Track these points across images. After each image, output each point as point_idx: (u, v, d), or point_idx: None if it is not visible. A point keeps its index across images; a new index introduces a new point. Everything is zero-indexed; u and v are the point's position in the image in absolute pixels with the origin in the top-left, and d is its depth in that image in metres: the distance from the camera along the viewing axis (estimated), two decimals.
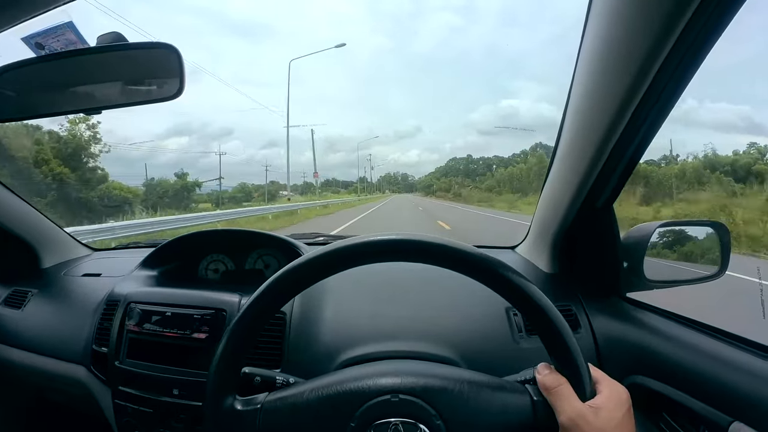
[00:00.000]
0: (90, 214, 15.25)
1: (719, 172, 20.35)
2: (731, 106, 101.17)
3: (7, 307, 1.10)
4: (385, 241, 0.45)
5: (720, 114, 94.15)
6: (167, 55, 0.59)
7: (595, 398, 0.42)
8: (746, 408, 0.50)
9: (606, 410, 0.41)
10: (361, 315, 0.79)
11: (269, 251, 1.08)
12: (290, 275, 0.46)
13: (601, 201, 0.74)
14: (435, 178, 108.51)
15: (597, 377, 0.45)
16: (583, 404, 0.41)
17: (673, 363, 0.62)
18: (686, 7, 0.42)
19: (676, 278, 0.80)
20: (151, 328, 0.78)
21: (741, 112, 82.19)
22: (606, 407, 0.41)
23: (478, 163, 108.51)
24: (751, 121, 70.80)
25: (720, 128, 75.38)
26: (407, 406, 0.44)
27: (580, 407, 0.41)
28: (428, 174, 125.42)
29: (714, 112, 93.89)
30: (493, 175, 76.58)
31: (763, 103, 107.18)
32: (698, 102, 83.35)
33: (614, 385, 0.44)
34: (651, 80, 0.51)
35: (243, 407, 0.45)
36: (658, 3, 0.44)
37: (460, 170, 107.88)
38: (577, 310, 0.78)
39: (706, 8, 0.42)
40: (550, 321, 0.43)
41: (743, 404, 0.51)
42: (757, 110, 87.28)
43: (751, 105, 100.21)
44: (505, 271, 0.44)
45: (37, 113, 0.67)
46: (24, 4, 0.57)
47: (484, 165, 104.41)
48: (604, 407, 0.41)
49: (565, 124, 0.70)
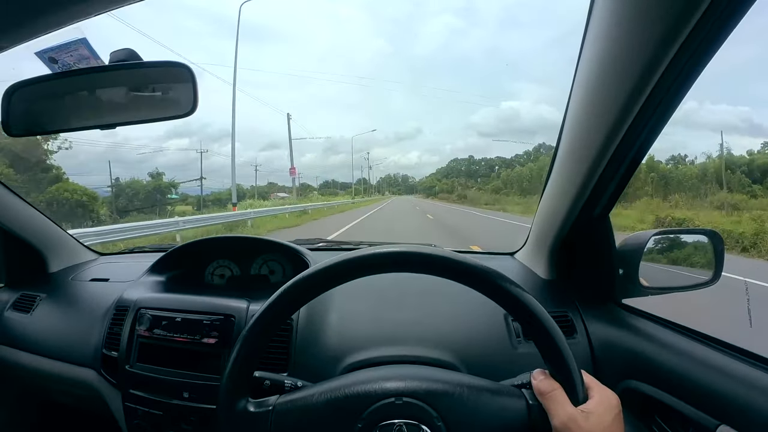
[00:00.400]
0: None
1: (740, 171, 19.98)
2: (731, 107, 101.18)
3: (16, 311, 1.12)
4: (391, 254, 0.48)
5: (720, 115, 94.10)
6: (180, 73, 0.60)
7: (587, 403, 0.45)
8: (733, 412, 0.53)
9: (596, 414, 0.43)
10: (365, 320, 0.81)
11: (274, 257, 1.10)
12: (302, 284, 0.48)
13: (598, 210, 0.77)
14: (436, 179, 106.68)
15: (589, 383, 0.47)
16: (575, 408, 0.44)
17: (665, 368, 0.64)
18: (688, 16, 0.43)
19: (670, 285, 0.81)
20: (162, 333, 0.80)
21: (741, 113, 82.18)
22: (596, 412, 0.44)
23: (480, 164, 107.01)
24: (751, 122, 70.76)
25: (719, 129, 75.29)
26: (410, 408, 0.46)
27: (572, 411, 0.43)
28: (429, 175, 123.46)
29: (715, 114, 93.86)
30: (498, 176, 75.06)
31: (763, 104, 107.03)
32: (698, 103, 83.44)
33: (605, 390, 0.47)
34: (650, 91, 0.52)
35: (256, 409, 0.48)
36: (660, 11, 0.44)
37: (461, 171, 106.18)
38: (573, 317, 0.81)
39: (710, 15, 0.43)
40: (545, 329, 0.46)
41: (730, 408, 0.53)
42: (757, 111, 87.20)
43: (750, 106, 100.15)
44: (503, 282, 0.46)
45: (50, 129, 0.69)
46: (38, 21, 0.59)
47: (487, 166, 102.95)
48: (595, 412, 0.44)
49: (563, 133, 0.71)
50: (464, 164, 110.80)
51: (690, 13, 0.43)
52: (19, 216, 1.12)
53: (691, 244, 0.85)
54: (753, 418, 0.50)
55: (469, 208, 32.32)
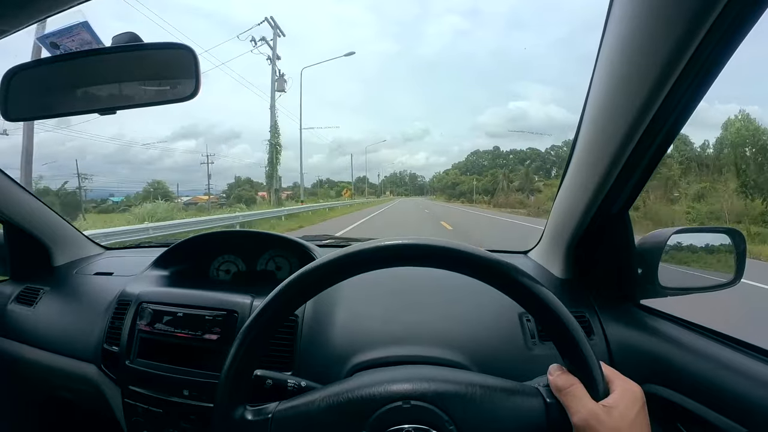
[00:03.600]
0: None
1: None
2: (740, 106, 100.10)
3: (19, 304, 1.11)
4: (399, 246, 0.45)
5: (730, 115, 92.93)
6: (183, 56, 0.58)
7: (608, 397, 0.42)
8: (761, 420, 0.50)
9: (619, 409, 0.40)
10: (373, 319, 0.78)
11: (281, 252, 1.08)
12: (304, 279, 0.45)
13: (617, 207, 0.73)
14: (457, 175, 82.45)
15: (610, 376, 0.44)
16: (596, 404, 0.41)
17: (688, 372, 0.61)
18: (708, 14, 0.41)
19: (691, 285, 0.78)
20: (163, 329, 0.78)
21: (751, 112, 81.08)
22: (619, 406, 0.41)
23: (507, 157, 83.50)
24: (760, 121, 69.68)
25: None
26: (419, 412, 0.43)
27: (592, 407, 0.40)
28: (445, 171, 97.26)
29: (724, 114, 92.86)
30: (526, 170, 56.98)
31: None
32: (708, 103, 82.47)
33: (627, 383, 0.44)
34: (670, 88, 0.50)
35: (254, 417, 0.45)
36: (680, 8, 0.43)
37: (484, 166, 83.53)
38: (590, 317, 0.77)
39: (728, 13, 0.41)
40: (562, 323, 0.43)
41: (759, 416, 0.50)
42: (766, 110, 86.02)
43: (759, 105, 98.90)
44: (519, 276, 0.44)
45: (51, 113, 0.67)
46: (40, 4, 0.57)
47: (516, 159, 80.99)
48: (618, 406, 0.41)
49: (581, 129, 0.69)
50: (487, 158, 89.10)
51: (705, 16, 0.41)
52: (24, 209, 1.11)
53: (712, 243, 0.82)
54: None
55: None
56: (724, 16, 0.41)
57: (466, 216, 22.64)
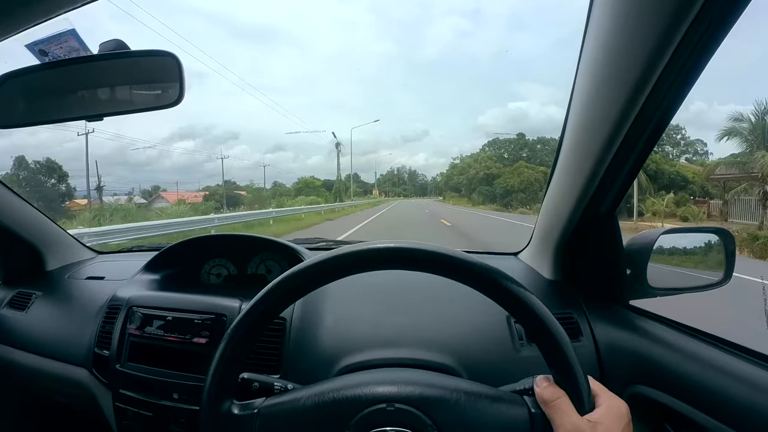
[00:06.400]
0: None
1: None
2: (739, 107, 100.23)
3: (11, 308, 1.11)
4: (385, 249, 0.45)
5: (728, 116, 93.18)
6: (168, 63, 0.59)
7: (594, 412, 0.42)
8: (752, 423, 0.50)
9: (604, 425, 0.40)
10: (362, 321, 0.78)
11: (271, 256, 1.08)
12: (290, 281, 0.45)
13: (604, 207, 0.74)
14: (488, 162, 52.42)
15: (596, 390, 0.44)
16: (581, 418, 0.41)
17: (676, 373, 0.61)
18: (688, 11, 0.41)
19: (680, 285, 0.78)
20: (153, 332, 0.78)
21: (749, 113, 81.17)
22: (604, 422, 0.41)
23: (534, 147, 59.41)
24: None
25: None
26: (403, 416, 0.43)
27: (577, 421, 0.40)
28: (451, 165, 69.75)
29: (722, 114, 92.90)
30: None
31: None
32: (707, 105, 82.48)
33: (613, 398, 0.44)
34: (653, 84, 0.50)
35: (240, 412, 0.45)
36: (658, 9, 0.43)
37: (504, 158, 57.06)
38: (578, 318, 0.78)
39: (708, 12, 0.41)
40: (549, 332, 0.42)
41: (747, 417, 0.50)
42: None
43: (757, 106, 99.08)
44: (505, 281, 0.43)
45: (39, 120, 0.67)
46: (27, 11, 0.57)
47: (546, 150, 56.44)
48: (603, 422, 0.40)
49: (567, 128, 0.69)
50: (507, 148, 62.60)
51: (685, 13, 0.41)
52: (16, 214, 1.11)
53: (701, 243, 0.82)
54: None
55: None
56: (703, 16, 0.42)
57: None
